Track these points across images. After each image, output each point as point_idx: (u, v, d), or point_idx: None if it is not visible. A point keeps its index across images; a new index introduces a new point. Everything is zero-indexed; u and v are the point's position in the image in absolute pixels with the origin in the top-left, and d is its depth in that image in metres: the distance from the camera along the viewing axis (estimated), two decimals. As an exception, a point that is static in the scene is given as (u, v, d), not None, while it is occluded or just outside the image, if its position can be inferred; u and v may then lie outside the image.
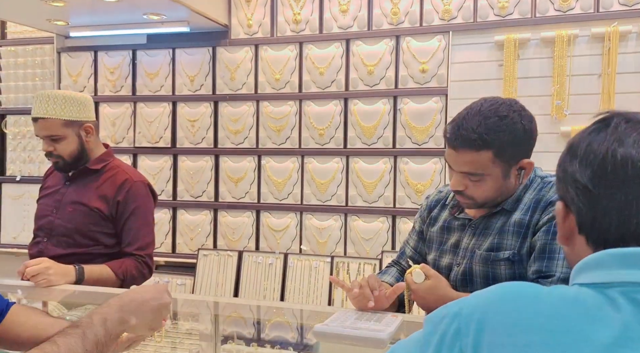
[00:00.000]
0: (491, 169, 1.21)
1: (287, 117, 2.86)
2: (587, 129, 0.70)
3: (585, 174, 0.66)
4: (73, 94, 1.83)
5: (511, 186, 1.27)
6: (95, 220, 1.80)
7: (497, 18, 2.53)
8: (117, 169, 1.87)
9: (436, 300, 1.21)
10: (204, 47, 2.98)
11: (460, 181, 1.25)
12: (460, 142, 1.20)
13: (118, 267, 1.76)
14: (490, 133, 1.18)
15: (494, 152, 1.19)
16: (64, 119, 1.77)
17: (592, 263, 0.65)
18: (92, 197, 1.81)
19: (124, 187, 1.82)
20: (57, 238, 1.80)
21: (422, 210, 1.49)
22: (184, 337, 1.35)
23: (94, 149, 1.87)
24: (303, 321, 1.50)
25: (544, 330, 0.59)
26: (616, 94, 2.36)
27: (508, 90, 2.47)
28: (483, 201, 1.27)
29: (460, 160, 1.22)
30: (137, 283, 1.85)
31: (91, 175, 1.86)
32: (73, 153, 1.81)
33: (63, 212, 1.82)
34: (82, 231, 1.79)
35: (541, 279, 1.19)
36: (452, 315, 0.66)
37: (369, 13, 2.73)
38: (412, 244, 1.51)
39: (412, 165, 2.69)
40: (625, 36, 2.35)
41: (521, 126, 1.21)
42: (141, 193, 1.85)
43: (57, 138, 1.78)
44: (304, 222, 2.86)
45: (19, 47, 3.33)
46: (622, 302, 0.60)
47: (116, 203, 1.81)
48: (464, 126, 1.20)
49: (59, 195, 1.85)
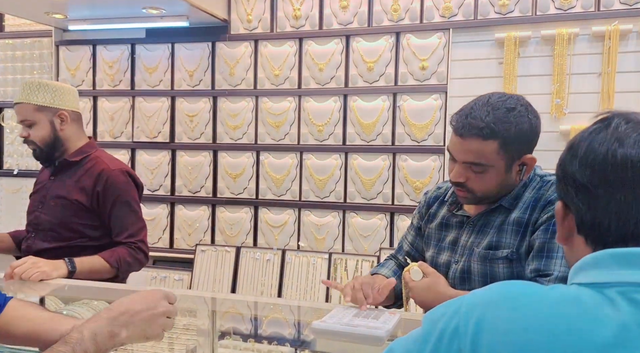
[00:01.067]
0: (495, 160, 1.21)
1: (286, 113, 2.86)
2: (588, 129, 0.70)
3: (585, 174, 0.66)
4: (53, 83, 1.86)
5: (511, 182, 1.27)
6: (76, 213, 1.81)
7: (497, 16, 2.53)
8: (96, 159, 1.87)
9: (434, 298, 1.21)
10: (203, 42, 2.96)
11: (462, 172, 1.24)
12: (467, 130, 1.20)
13: (110, 255, 1.76)
14: (498, 123, 1.18)
15: (500, 143, 1.19)
16: (36, 104, 1.81)
17: (591, 262, 0.65)
18: (72, 189, 1.82)
19: (102, 177, 1.81)
20: (43, 233, 1.81)
21: (421, 206, 1.49)
22: (181, 332, 1.35)
23: (71, 138, 1.86)
24: (300, 318, 1.50)
25: (543, 329, 0.59)
26: (616, 93, 2.36)
27: (508, 88, 2.47)
28: (482, 195, 1.26)
29: (465, 149, 1.21)
30: (134, 270, 1.86)
31: (72, 168, 1.86)
32: (45, 139, 1.82)
33: (47, 206, 1.83)
34: (65, 224, 1.80)
35: (539, 278, 1.19)
36: (451, 313, 0.66)
37: (369, 9, 2.72)
38: (410, 240, 1.51)
39: (411, 162, 2.69)
40: (625, 35, 2.35)
41: (527, 120, 1.22)
42: (120, 181, 1.84)
43: (30, 123, 1.81)
44: (302, 218, 2.86)
45: (17, 40, 3.31)
46: (621, 302, 0.60)
47: (96, 194, 1.81)
48: (472, 114, 1.21)
49: (44, 190, 1.87)
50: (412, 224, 1.52)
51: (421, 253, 1.48)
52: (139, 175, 3.06)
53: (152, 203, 3.07)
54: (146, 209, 3.07)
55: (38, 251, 1.77)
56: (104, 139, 3.13)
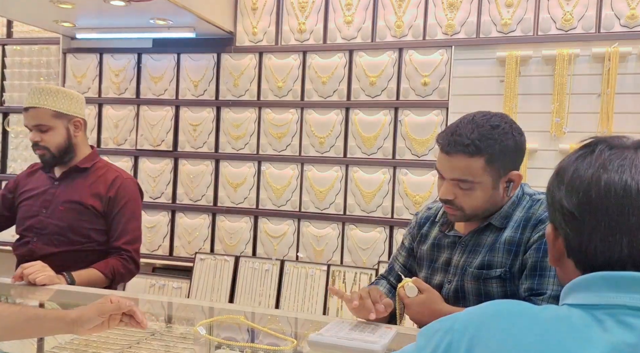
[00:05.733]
0: (482, 176, 1.23)
1: (288, 125, 2.89)
2: (574, 154, 0.72)
3: (571, 201, 0.68)
4: (65, 89, 1.90)
5: (499, 198, 1.28)
6: (89, 218, 1.85)
7: (499, 34, 2.56)
8: (106, 167, 1.94)
9: (429, 314, 1.22)
10: (208, 53, 3.00)
11: (450, 189, 1.26)
12: (453, 147, 1.22)
13: (104, 267, 1.81)
14: (483, 140, 1.21)
15: (486, 159, 1.21)
16: (55, 110, 1.83)
17: (582, 284, 0.66)
18: (85, 194, 1.86)
19: (115, 184, 1.88)
20: (48, 237, 1.83)
21: (412, 227, 1.49)
22: (178, 340, 1.36)
23: (81, 146, 1.92)
24: (297, 329, 1.50)
25: (534, 348, 0.61)
26: (615, 113, 2.38)
27: (509, 106, 2.50)
28: (471, 212, 1.27)
29: (452, 166, 1.23)
30: (125, 280, 1.92)
31: (80, 174, 1.90)
32: (60, 145, 1.86)
33: (54, 211, 1.86)
34: (75, 229, 1.84)
35: (533, 296, 1.20)
36: (445, 329, 0.68)
37: (373, 25, 2.76)
38: (402, 261, 1.51)
39: (411, 176, 2.71)
40: (625, 57, 2.38)
41: (512, 137, 1.24)
42: (131, 189, 1.92)
43: (46, 128, 1.83)
44: (301, 229, 2.88)
45: (24, 46, 3.35)
46: (610, 324, 0.61)
47: (108, 199, 1.86)
48: (457, 132, 1.23)
49: (49, 195, 1.89)
50: (404, 245, 1.52)
51: (414, 274, 1.48)
52: (141, 182, 3.09)
53: (153, 211, 3.08)
54: (147, 216, 3.09)
55: (43, 255, 1.79)
56: (107, 146, 3.15)
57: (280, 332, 1.41)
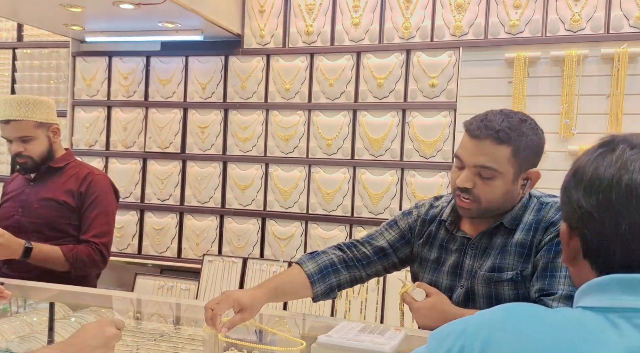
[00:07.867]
0: (506, 166, 1.22)
1: (295, 127, 2.89)
2: (592, 153, 0.70)
3: (590, 201, 0.66)
4: (39, 98, 1.97)
5: (515, 195, 1.27)
6: (63, 213, 1.93)
7: (507, 36, 2.55)
8: (80, 166, 2.03)
9: (439, 317, 1.21)
10: (216, 55, 3.02)
11: (470, 177, 1.24)
12: (484, 131, 1.21)
13: (68, 250, 1.86)
14: (512, 129, 1.21)
15: (512, 150, 1.21)
16: (36, 121, 1.91)
17: (596, 287, 0.65)
18: (59, 191, 1.94)
19: (87, 179, 1.96)
20: (25, 235, 1.87)
21: (413, 219, 1.44)
22: (186, 342, 1.36)
23: (58, 150, 2.02)
24: (305, 331, 1.50)
25: (548, 352, 0.60)
26: (624, 114, 2.37)
27: (517, 107, 2.48)
28: (487, 205, 1.25)
29: (479, 151, 1.22)
30: (89, 270, 1.95)
31: (54, 174, 1.99)
32: (43, 153, 1.95)
33: (30, 209, 1.94)
34: (51, 224, 1.91)
35: (544, 297, 1.19)
36: (457, 333, 0.67)
37: (380, 27, 2.76)
38: (390, 239, 1.43)
39: (419, 178, 2.70)
40: (634, 58, 2.36)
41: (537, 134, 1.26)
42: (102, 185, 1.99)
43: (29, 139, 1.91)
44: (309, 231, 2.88)
45: (35, 49, 3.38)
46: (625, 327, 0.60)
47: (79, 194, 1.94)
48: (487, 119, 1.23)
49: (24, 195, 1.98)
50: (397, 226, 1.44)
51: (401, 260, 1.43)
52: (150, 184, 3.11)
53: (162, 213, 3.10)
54: (156, 218, 3.11)
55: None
56: (116, 148, 3.18)
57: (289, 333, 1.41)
